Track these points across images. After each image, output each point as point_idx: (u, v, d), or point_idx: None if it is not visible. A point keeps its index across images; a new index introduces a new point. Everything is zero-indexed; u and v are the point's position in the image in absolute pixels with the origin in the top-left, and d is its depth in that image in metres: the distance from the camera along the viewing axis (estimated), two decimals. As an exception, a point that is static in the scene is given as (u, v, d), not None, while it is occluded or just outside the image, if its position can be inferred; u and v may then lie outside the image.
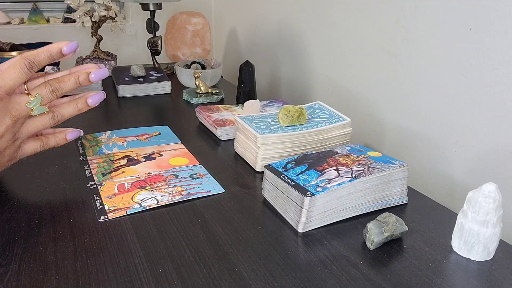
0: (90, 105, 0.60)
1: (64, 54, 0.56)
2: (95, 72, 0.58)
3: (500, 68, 0.63)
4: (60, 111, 0.58)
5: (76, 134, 0.64)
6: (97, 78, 0.58)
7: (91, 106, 0.60)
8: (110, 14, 1.23)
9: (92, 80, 0.58)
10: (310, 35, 1.06)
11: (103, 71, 0.59)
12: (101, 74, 0.58)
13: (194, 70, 1.10)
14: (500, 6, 0.62)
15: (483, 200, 0.48)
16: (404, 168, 0.59)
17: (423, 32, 0.75)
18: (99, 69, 0.58)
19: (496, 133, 0.65)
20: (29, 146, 0.59)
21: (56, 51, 0.55)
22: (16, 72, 0.53)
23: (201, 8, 1.56)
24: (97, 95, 0.60)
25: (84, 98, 0.60)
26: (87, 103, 0.60)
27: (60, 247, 0.50)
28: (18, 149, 0.58)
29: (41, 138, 0.60)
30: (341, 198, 0.55)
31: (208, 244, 0.51)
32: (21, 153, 0.59)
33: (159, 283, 0.45)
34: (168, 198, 0.61)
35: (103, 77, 0.59)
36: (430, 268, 0.48)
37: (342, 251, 0.50)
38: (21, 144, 0.58)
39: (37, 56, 0.54)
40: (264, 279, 0.46)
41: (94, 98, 0.60)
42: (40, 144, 0.60)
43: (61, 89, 0.56)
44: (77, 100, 0.60)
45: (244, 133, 0.73)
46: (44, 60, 0.55)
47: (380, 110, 0.87)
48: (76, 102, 0.60)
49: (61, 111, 0.58)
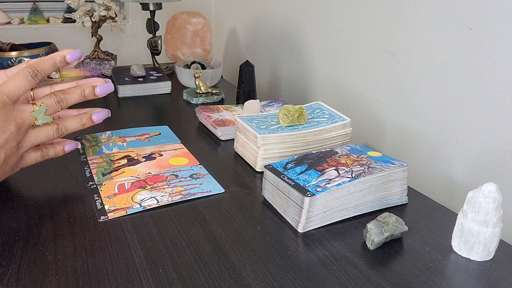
0: (94, 121, 0.61)
1: (68, 62, 0.57)
2: (101, 86, 0.59)
3: (500, 68, 0.63)
4: (65, 124, 0.59)
5: (73, 146, 0.64)
6: (102, 93, 0.59)
7: (95, 123, 0.62)
8: (110, 14, 1.23)
9: (97, 94, 0.59)
10: (310, 35, 1.06)
11: (108, 86, 0.60)
12: (106, 88, 0.60)
13: (194, 70, 1.10)
14: (500, 6, 0.62)
15: (483, 200, 0.48)
16: (404, 168, 0.59)
17: (423, 32, 0.75)
18: (105, 83, 0.60)
19: (496, 133, 0.65)
20: (30, 156, 0.60)
21: (60, 59, 0.56)
22: (20, 80, 0.54)
23: (201, 8, 1.56)
24: (102, 112, 0.62)
25: (89, 114, 0.61)
26: (92, 119, 0.61)
27: (60, 247, 0.50)
28: (20, 158, 0.58)
29: (41, 149, 0.61)
30: (341, 198, 0.55)
31: (208, 244, 0.51)
32: (23, 162, 0.59)
33: (159, 283, 0.45)
34: (168, 198, 0.61)
35: (108, 91, 0.60)
36: (430, 268, 0.48)
37: (342, 251, 0.50)
38: (23, 154, 0.58)
39: (41, 64, 0.55)
40: (264, 279, 0.46)
41: (98, 115, 0.62)
42: (40, 155, 0.61)
43: (66, 101, 0.57)
44: (82, 115, 0.61)
45: (244, 133, 0.73)
46: (48, 68, 0.56)
47: (380, 110, 0.87)
48: (81, 117, 0.61)
49: (66, 124, 0.59)
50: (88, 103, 0.62)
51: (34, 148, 0.60)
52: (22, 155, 0.58)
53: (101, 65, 1.25)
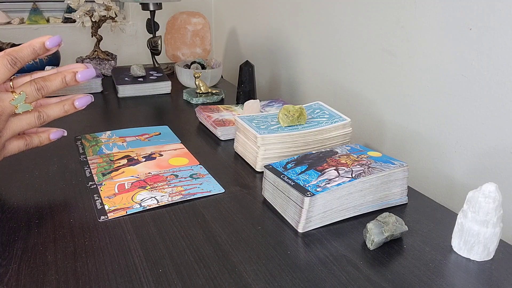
0: (77, 107, 0.59)
1: (47, 48, 0.55)
2: (82, 72, 0.57)
3: (500, 68, 0.63)
4: (46, 111, 0.58)
5: (59, 134, 0.63)
6: (83, 78, 0.57)
7: (78, 109, 0.60)
8: (110, 14, 1.23)
9: (78, 80, 0.57)
10: (310, 35, 1.06)
11: (90, 71, 0.58)
12: (87, 74, 0.57)
13: (194, 70, 1.10)
14: (500, 6, 0.62)
15: (483, 200, 0.48)
16: (404, 168, 0.59)
17: (423, 32, 0.75)
18: (86, 68, 0.58)
19: (496, 133, 0.65)
20: (13, 145, 0.58)
21: (39, 46, 0.54)
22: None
23: (201, 8, 1.56)
24: (84, 97, 0.60)
25: (71, 100, 0.59)
26: (74, 105, 0.59)
27: (60, 247, 0.50)
28: (2, 147, 0.57)
29: (24, 137, 0.59)
30: (341, 198, 0.55)
31: (208, 244, 0.51)
32: (5, 151, 0.58)
33: (159, 283, 0.45)
34: (168, 198, 0.61)
35: (89, 77, 0.58)
36: (430, 268, 0.48)
37: (342, 251, 0.50)
38: (5, 143, 0.57)
39: (20, 52, 0.53)
40: (264, 279, 0.46)
41: (81, 100, 0.59)
42: (24, 143, 0.59)
43: (47, 88, 0.55)
44: (64, 101, 0.59)
45: (244, 133, 0.73)
46: (27, 56, 0.54)
47: (380, 110, 0.87)
48: (63, 103, 0.59)
49: (47, 111, 0.58)
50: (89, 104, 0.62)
51: (16, 136, 0.58)
52: (4, 144, 0.57)
53: (101, 65, 1.25)
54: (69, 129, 0.71)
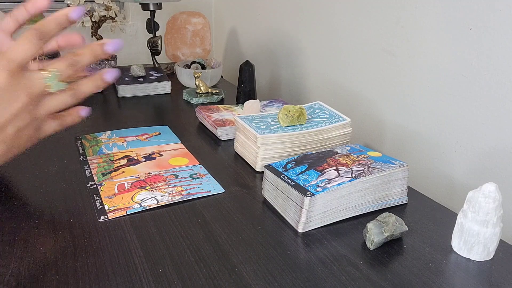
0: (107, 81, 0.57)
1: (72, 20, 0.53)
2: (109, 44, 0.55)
3: (500, 68, 0.63)
4: (81, 88, 0.55)
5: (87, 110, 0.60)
6: (113, 49, 0.56)
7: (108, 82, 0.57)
8: (110, 14, 1.23)
9: (108, 50, 0.55)
10: (310, 35, 1.06)
11: (118, 42, 0.56)
12: (116, 44, 0.56)
13: (194, 70, 1.10)
14: (500, 6, 0.62)
15: (483, 200, 0.48)
16: (404, 168, 0.59)
17: (423, 32, 0.75)
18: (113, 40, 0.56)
19: (496, 133, 0.65)
20: (49, 126, 0.56)
21: (63, 18, 0.52)
22: (26, 44, 0.50)
23: (201, 8, 1.56)
24: (112, 71, 0.58)
25: (100, 75, 0.57)
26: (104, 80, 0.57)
27: (60, 247, 0.50)
28: (38, 129, 0.55)
29: (58, 117, 0.57)
30: (341, 198, 0.55)
31: (208, 244, 0.51)
32: (41, 133, 0.55)
33: (159, 283, 0.45)
34: (168, 198, 0.61)
35: (118, 47, 0.56)
36: (430, 268, 0.48)
37: (342, 251, 0.50)
38: (39, 125, 0.54)
39: (46, 26, 0.51)
40: (264, 279, 0.46)
41: (109, 74, 0.57)
42: (58, 123, 0.57)
43: (78, 63, 0.53)
44: (95, 76, 0.57)
45: (244, 133, 0.73)
46: (53, 29, 0.52)
47: (380, 110, 0.87)
48: (94, 78, 0.57)
49: (81, 88, 0.55)
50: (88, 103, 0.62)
51: (51, 116, 0.56)
52: (38, 126, 0.54)
53: (101, 65, 1.25)
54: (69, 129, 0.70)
